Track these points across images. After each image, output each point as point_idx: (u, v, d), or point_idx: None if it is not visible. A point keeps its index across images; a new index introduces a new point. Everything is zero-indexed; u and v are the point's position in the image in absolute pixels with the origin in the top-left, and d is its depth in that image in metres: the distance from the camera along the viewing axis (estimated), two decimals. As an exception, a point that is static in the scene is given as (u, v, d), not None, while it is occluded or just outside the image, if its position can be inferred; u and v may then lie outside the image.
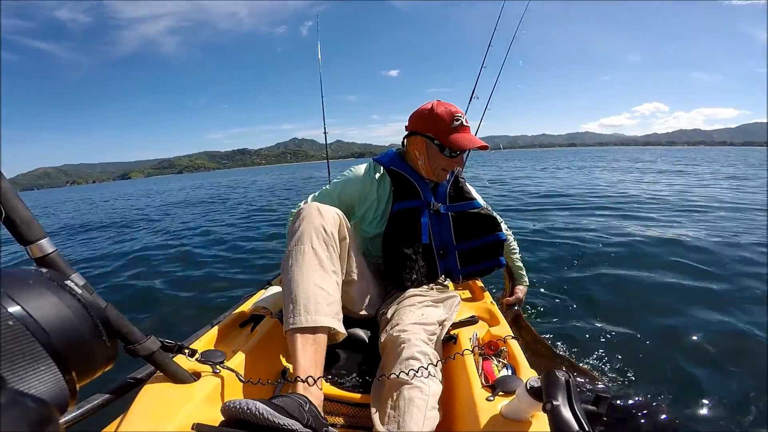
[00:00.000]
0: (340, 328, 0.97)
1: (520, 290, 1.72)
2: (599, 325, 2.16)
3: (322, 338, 0.93)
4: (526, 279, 1.75)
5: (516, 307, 1.74)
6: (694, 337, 2.02)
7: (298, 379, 0.84)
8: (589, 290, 2.70)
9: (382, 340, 1.08)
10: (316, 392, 0.84)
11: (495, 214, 1.40)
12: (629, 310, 2.38)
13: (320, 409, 0.81)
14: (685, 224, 4.59)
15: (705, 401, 1.53)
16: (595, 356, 1.84)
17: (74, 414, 0.74)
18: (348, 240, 1.14)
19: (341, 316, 1.00)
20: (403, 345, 0.98)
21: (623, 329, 2.09)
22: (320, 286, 0.97)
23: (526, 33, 2.66)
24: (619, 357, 1.83)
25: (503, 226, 1.52)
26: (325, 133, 2.99)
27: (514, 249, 1.70)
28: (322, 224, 1.05)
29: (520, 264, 1.73)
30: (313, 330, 0.91)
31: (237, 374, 0.92)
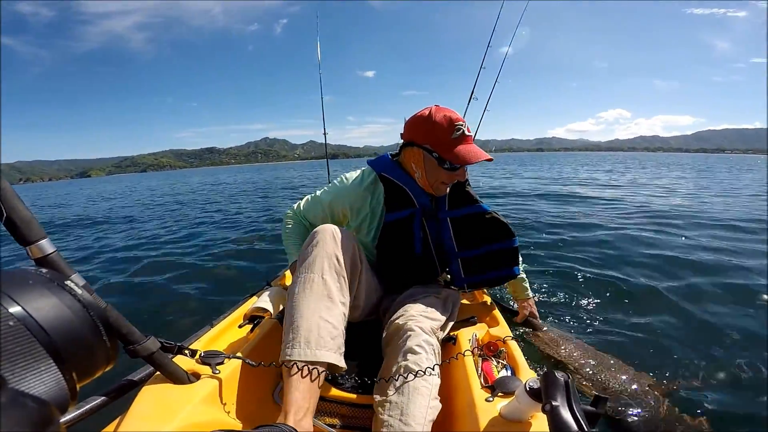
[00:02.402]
0: (340, 362, 0.93)
1: (526, 306, 1.59)
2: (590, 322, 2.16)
3: (320, 370, 0.87)
4: (530, 291, 1.58)
5: (534, 320, 1.69)
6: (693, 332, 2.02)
7: (289, 410, 0.80)
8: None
9: (386, 331, 1.07)
10: (306, 425, 0.80)
11: (506, 220, 1.28)
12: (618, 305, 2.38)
13: None
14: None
15: (705, 401, 1.53)
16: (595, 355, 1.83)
17: (74, 414, 0.74)
18: (360, 266, 1.11)
19: (343, 349, 0.96)
20: (409, 333, 0.98)
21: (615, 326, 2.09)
22: (326, 318, 0.93)
23: (522, 34, 2.69)
24: (618, 356, 1.83)
25: None
26: (324, 134, 2.99)
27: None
28: (336, 253, 1.01)
29: (524, 276, 1.52)
30: (312, 363, 0.86)
31: (245, 360, 0.93)
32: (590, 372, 1.55)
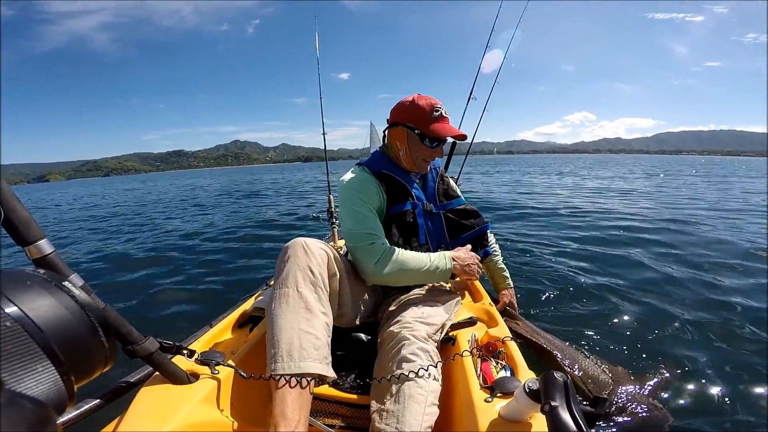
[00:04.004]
0: (328, 372, 0.91)
1: (506, 294, 1.70)
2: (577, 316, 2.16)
3: (308, 383, 0.86)
4: (510, 281, 1.71)
5: (512, 310, 1.71)
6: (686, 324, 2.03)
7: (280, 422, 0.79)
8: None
9: (381, 336, 1.07)
10: None
11: (476, 209, 1.46)
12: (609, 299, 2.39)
13: None
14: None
15: (700, 397, 1.53)
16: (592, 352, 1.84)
17: (72, 415, 0.74)
18: (338, 274, 1.09)
19: (330, 359, 0.94)
20: (403, 342, 0.98)
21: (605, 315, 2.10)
22: (306, 330, 0.91)
23: (522, 35, 2.71)
24: (614, 351, 1.83)
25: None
26: (323, 134, 2.97)
27: (496, 251, 1.67)
28: (309, 265, 1.00)
29: (503, 266, 1.69)
30: (298, 376, 0.85)
31: (237, 370, 0.92)
32: (579, 370, 1.55)
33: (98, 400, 0.80)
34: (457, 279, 1.48)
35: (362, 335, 1.24)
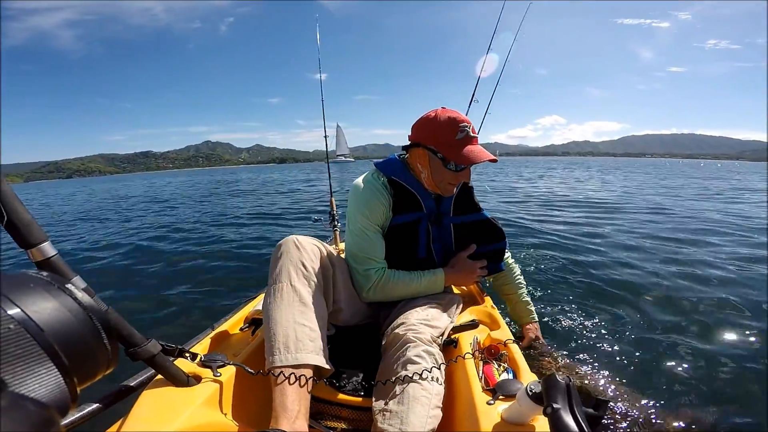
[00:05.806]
0: (325, 363, 0.93)
1: (531, 329, 1.59)
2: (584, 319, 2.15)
3: (307, 373, 0.88)
4: (535, 315, 1.60)
5: (537, 344, 1.60)
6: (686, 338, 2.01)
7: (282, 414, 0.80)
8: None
9: (385, 339, 1.07)
10: (300, 427, 0.80)
11: (499, 224, 1.35)
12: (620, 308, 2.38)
13: None
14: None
15: (701, 403, 1.52)
16: (592, 360, 1.83)
17: (74, 417, 0.74)
18: (332, 269, 1.11)
19: (326, 351, 0.96)
20: (408, 344, 0.98)
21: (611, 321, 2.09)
22: (301, 322, 0.94)
23: (525, 35, 2.70)
24: (616, 360, 1.82)
25: (509, 259, 1.56)
26: (325, 137, 2.99)
27: (521, 283, 1.59)
28: (301, 260, 1.03)
29: (528, 299, 1.59)
30: (296, 367, 0.87)
31: (244, 367, 0.92)
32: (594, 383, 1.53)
33: (101, 403, 0.80)
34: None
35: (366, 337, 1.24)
